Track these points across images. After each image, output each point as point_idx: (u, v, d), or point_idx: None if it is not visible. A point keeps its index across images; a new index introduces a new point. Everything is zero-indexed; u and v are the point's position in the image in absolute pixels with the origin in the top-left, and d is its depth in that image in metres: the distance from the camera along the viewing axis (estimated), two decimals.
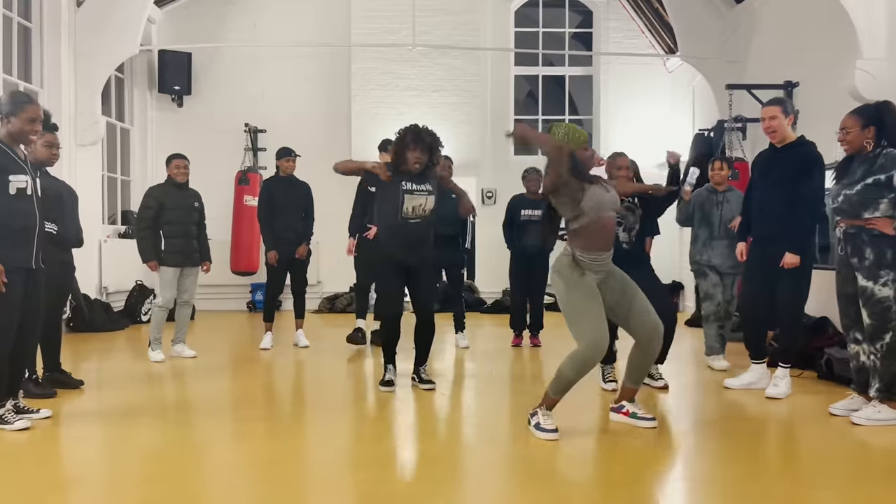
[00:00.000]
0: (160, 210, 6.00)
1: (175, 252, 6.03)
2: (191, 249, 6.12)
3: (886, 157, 3.95)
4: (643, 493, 3.05)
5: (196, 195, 6.29)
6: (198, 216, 6.22)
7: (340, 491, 3.09)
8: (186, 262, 6.10)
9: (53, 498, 2.94)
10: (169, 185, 6.14)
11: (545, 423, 3.71)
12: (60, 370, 4.89)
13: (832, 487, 3.12)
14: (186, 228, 6.09)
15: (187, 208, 6.12)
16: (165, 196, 6.06)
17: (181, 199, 6.10)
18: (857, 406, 4.10)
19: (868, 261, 3.97)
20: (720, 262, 5.64)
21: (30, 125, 3.78)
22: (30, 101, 3.84)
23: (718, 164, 5.85)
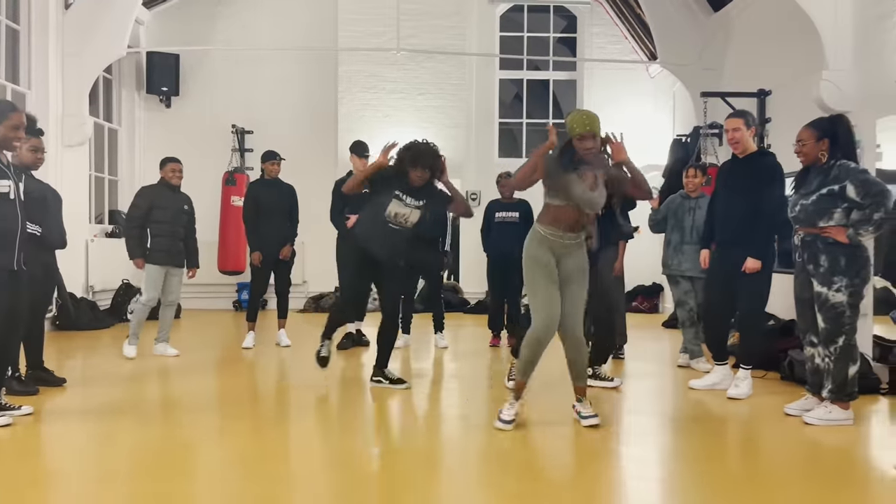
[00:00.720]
0: (150, 209, 6.14)
1: (160, 251, 6.16)
2: (176, 250, 6.25)
3: (840, 169, 4.11)
4: (597, 490, 3.20)
5: (187, 199, 6.43)
6: (187, 219, 6.35)
7: (316, 485, 3.23)
8: (171, 262, 6.23)
9: (33, 492, 3.07)
10: (162, 186, 6.30)
11: (504, 413, 3.94)
12: (43, 368, 5.00)
13: (781, 484, 3.27)
14: (173, 229, 6.22)
15: (177, 210, 6.26)
16: (157, 196, 6.22)
17: (172, 201, 6.25)
18: (811, 406, 4.27)
19: (823, 267, 4.13)
20: (690, 266, 5.80)
21: (13, 132, 3.91)
22: (13, 109, 3.97)
23: (692, 172, 6.00)
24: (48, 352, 5.26)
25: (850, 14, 6.03)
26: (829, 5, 6.04)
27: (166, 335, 6.41)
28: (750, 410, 4.60)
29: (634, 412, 4.70)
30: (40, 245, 4.78)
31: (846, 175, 4.08)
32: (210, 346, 7.37)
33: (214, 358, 6.63)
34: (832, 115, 4.30)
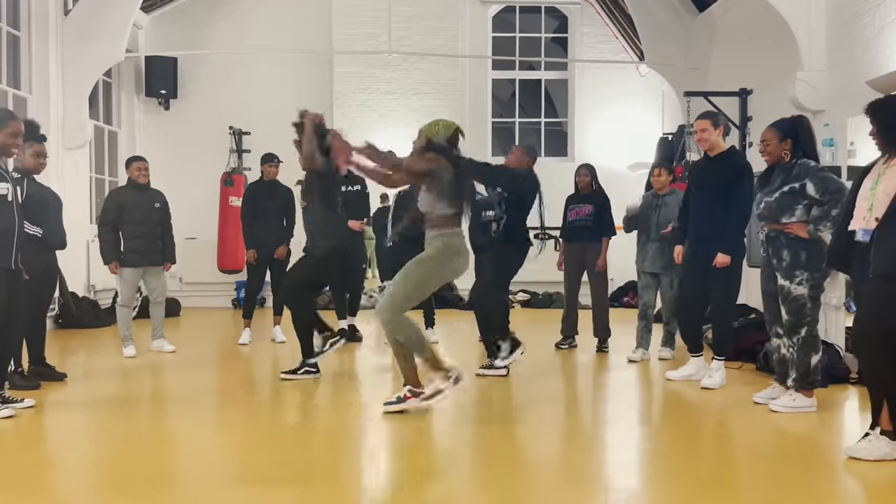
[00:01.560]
0: (120, 212, 6.18)
1: (133, 252, 6.21)
2: (150, 249, 6.29)
3: (801, 168, 4.31)
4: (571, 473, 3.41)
5: (158, 195, 6.45)
6: (159, 215, 6.37)
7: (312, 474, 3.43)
8: (145, 262, 6.29)
9: (35, 478, 3.28)
10: (130, 187, 6.37)
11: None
12: (45, 364, 5.21)
13: (744, 466, 3.48)
14: (147, 229, 6.26)
15: (147, 209, 6.30)
16: (126, 198, 6.28)
17: (141, 201, 6.28)
18: (778, 395, 4.47)
19: (785, 262, 4.33)
20: (650, 264, 6.05)
21: (12, 139, 4.12)
22: (12, 117, 4.18)
23: (657, 171, 6.24)
24: (51, 349, 5.47)
25: (824, 16, 6.21)
26: (803, 8, 6.22)
27: (160, 331, 6.56)
28: (722, 399, 4.80)
29: (611, 400, 4.91)
30: (41, 246, 4.99)
31: (806, 173, 4.27)
32: (208, 342, 7.59)
33: (211, 354, 6.84)
34: (794, 116, 4.49)
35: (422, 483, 3.21)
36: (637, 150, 10.86)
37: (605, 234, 6.54)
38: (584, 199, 6.63)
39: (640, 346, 6.14)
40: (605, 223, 6.53)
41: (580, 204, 6.62)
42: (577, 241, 6.60)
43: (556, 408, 4.60)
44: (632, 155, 10.90)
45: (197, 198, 10.11)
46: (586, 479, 3.30)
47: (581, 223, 6.60)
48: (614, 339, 6.67)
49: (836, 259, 3.77)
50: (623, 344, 6.86)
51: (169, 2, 10.79)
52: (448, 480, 3.31)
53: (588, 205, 6.57)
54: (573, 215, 6.65)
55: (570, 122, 11.82)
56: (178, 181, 9.66)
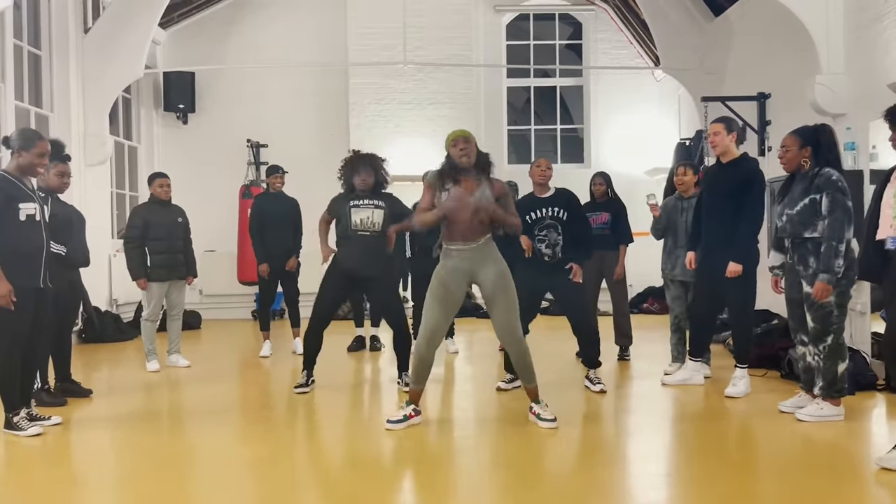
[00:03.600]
0: (145, 228, 6.25)
1: (160, 267, 6.28)
2: (175, 263, 6.37)
3: (822, 178, 4.22)
4: (595, 486, 3.38)
5: (179, 211, 6.54)
6: (181, 230, 6.46)
7: (334, 488, 3.44)
8: (171, 276, 6.35)
9: (62, 495, 3.31)
10: (152, 203, 6.44)
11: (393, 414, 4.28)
12: (71, 380, 5.27)
13: (775, 478, 3.44)
14: (170, 244, 6.33)
15: (171, 224, 6.37)
16: (150, 214, 6.34)
17: (165, 216, 6.35)
18: (804, 403, 4.42)
19: (812, 269, 4.27)
20: (680, 272, 5.80)
21: (39, 159, 4.19)
22: (39, 138, 4.24)
23: (682, 170, 5.88)
24: (75, 364, 5.53)
25: (842, 18, 6.16)
26: (821, 10, 6.17)
27: (177, 346, 6.60)
28: (746, 408, 4.75)
29: (634, 411, 4.87)
30: (66, 264, 5.06)
31: (826, 186, 4.19)
32: (230, 355, 7.62)
33: (234, 367, 6.87)
34: (816, 125, 4.43)
35: (446, 495, 3.20)
36: (654, 155, 10.83)
37: (623, 242, 6.50)
38: (600, 206, 6.59)
39: (676, 360, 5.89)
40: (622, 230, 6.49)
41: (597, 212, 6.58)
42: (595, 250, 6.54)
43: (577, 418, 4.57)
44: (649, 161, 10.86)
45: (216, 211, 10.19)
46: (608, 491, 3.28)
47: (598, 231, 6.55)
48: (635, 346, 6.63)
49: (867, 271, 3.72)
50: (644, 352, 6.84)
51: (186, 17, 10.91)
52: (473, 492, 3.30)
53: (605, 212, 6.54)
54: None
55: (585, 128, 11.79)
56: (197, 194, 9.76)
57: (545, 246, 5.14)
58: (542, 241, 5.14)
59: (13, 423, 4.17)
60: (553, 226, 5.15)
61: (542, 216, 5.17)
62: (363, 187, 5.18)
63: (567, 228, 5.15)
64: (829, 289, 4.14)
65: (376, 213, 5.15)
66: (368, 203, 5.17)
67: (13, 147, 4.19)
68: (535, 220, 5.16)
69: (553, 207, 5.18)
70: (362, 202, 5.16)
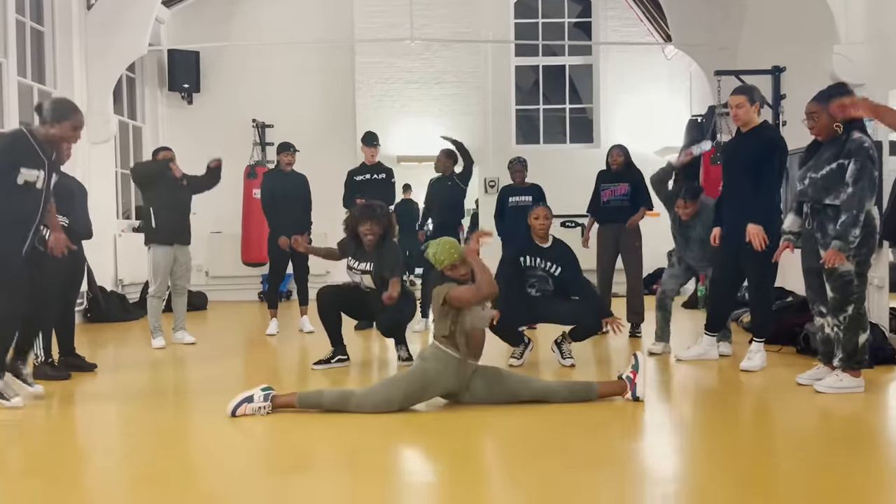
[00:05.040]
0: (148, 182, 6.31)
1: (167, 231, 6.19)
2: (182, 228, 6.32)
3: (853, 143, 4.05)
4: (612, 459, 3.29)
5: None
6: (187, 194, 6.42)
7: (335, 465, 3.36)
8: (179, 240, 6.29)
9: (65, 466, 3.24)
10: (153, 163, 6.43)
11: (244, 409, 3.83)
12: (75, 354, 5.20)
13: (791, 449, 3.34)
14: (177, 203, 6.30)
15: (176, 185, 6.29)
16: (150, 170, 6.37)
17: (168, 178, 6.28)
18: (822, 376, 4.31)
19: (831, 236, 4.13)
20: (694, 262, 5.69)
21: (72, 132, 4.11)
22: (75, 111, 4.14)
23: (681, 203, 5.51)
24: (80, 342, 5.45)
25: None
26: None
27: (182, 323, 6.53)
28: (763, 382, 4.65)
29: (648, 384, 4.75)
30: (68, 236, 4.96)
31: (857, 152, 4.02)
32: (236, 334, 7.56)
33: (240, 345, 6.80)
34: (836, 84, 4.28)
35: (460, 466, 3.12)
36: (665, 134, 10.68)
37: (643, 205, 6.38)
38: (618, 177, 6.45)
39: (660, 339, 5.61)
40: (641, 199, 6.38)
41: (615, 183, 6.45)
42: (613, 222, 6.43)
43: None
44: (660, 139, 10.72)
45: (220, 192, 9.96)
46: (621, 460, 3.19)
47: (617, 202, 6.43)
48: (645, 324, 6.53)
49: (893, 232, 3.59)
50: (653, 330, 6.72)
51: None
52: (481, 461, 3.22)
53: (623, 183, 6.41)
54: (608, 195, 6.48)
55: (595, 107, 11.64)
56: None
57: (535, 291, 5.26)
58: (532, 286, 5.24)
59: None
60: (545, 278, 5.23)
61: (535, 265, 5.22)
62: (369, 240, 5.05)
63: (559, 281, 5.20)
64: (841, 256, 4.01)
65: (365, 279, 5.11)
66: (358, 269, 5.11)
67: (45, 118, 4.10)
68: (528, 266, 5.21)
69: (548, 262, 5.20)
70: (356, 265, 5.11)
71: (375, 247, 5.07)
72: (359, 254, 5.10)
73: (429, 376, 3.85)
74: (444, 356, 3.86)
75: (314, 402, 3.88)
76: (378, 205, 5.19)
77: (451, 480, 2.93)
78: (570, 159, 11.03)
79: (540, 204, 5.44)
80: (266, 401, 3.83)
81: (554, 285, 5.22)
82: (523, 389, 3.99)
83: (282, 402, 3.87)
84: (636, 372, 4.03)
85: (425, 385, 3.86)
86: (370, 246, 5.07)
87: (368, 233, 5.01)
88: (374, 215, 5.04)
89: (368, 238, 5.03)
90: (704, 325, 5.28)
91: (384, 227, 5.08)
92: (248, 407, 3.81)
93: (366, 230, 5.02)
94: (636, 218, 6.32)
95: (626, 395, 4.01)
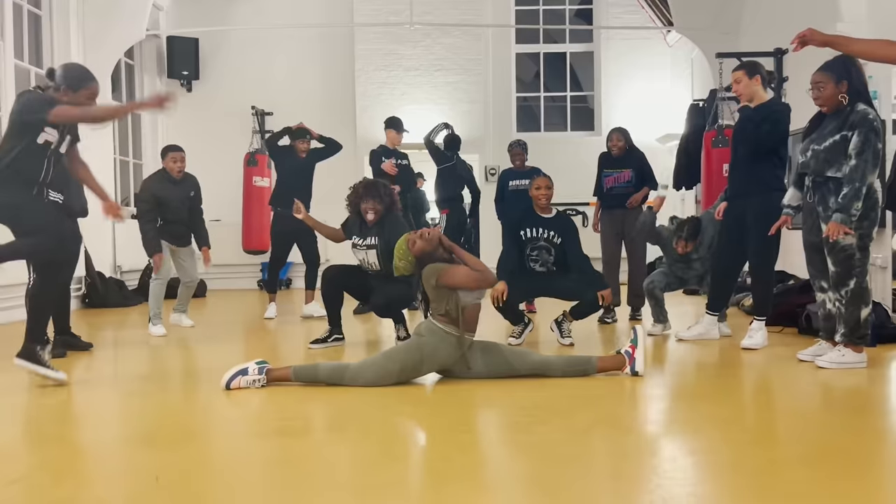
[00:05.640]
0: (157, 204, 5.99)
1: (165, 233, 6.04)
2: (180, 233, 6.15)
3: (858, 116, 3.99)
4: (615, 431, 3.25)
5: (192, 184, 6.24)
6: (191, 204, 6.20)
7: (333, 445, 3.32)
8: (176, 243, 6.13)
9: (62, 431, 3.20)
10: (164, 179, 6.12)
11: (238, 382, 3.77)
12: (70, 333, 5.16)
13: (792, 421, 3.29)
14: (182, 216, 6.13)
15: (182, 199, 6.13)
16: (161, 191, 6.04)
17: (176, 192, 6.10)
18: (824, 352, 4.26)
19: (832, 210, 4.08)
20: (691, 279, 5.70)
21: (87, 101, 4.02)
22: (90, 79, 4.06)
23: (682, 244, 5.44)
24: (78, 326, 5.40)
25: None
26: None
27: (184, 307, 6.41)
28: (764, 359, 4.60)
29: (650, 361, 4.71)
30: (63, 213, 4.92)
31: (861, 124, 3.96)
32: (234, 319, 7.52)
33: (238, 328, 6.76)
34: (841, 56, 4.22)
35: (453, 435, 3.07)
36: (666, 122, 10.63)
37: (648, 186, 6.31)
38: (620, 162, 6.37)
39: (658, 322, 5.60)
40: (646, 182, 6.30)
41: (617, 169, 6.37)
42: (617, 209, 6.36)
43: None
44: (661, 127, 10.66)
45: (220, 179, 10.03)
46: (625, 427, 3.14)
47: (621, 189, 6.34)
48: (647, 308, 6.46)
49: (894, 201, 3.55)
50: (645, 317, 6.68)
51: None
52: (478, 431, 3.17)
53: (626, 169, 6.34)
54: (611, 182, 6.40)
55: (596, 95, 11.58)
56: (202, 163, 9.52)
57: (538, 265, 5.21)
58: (535, 260, 5.21)
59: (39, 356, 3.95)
60: (546, 248, 5.18)
61: (537, 236, 5.17)
62: (371, 217, 5.03)
63: (560, 252, 5.17)
64: (842, 229, 3.96)
65: (370, 254, 5.06)
66: (363, 245, 5.07)
67: (58, 84, 4.01)
68: (529, 238, 5.17)
69: (550, 231, 5.16)
70: (361, 242, 5.06)
71: (377, 223, 5.06)
72: (363, 230, 5.08)
73: (426, 350, 3.81)
74: (440, 332, 3.82)
75: (310, 376, 3.84)
76: (382, 183, 5.18)
77: (448, 448, 2.89)
78: (570, 147, 10.98)
79: (541, 174, 5.38)
80: (261, 374, 3.79)
81: (555, 256, 5.17)
82: (520, 362, 3.94)
83: (277, 376, 3.83)
84: (635, 346, 3.98)
85: (422, 359, 3.82)
86: (372, 223, 5.05)
87: (370, 210, 5.01)
88: (376, 194, 5.03)
89: (370, 216, 5.02)
90: (706, 304, 5.23)
91: (386, 206, 5.07)
92: (243, 380, 3.77)
93: (367, 207, 5.02)
94: (637, 196, 6.25)
95: (624, 369, 3.97)
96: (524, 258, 5.22)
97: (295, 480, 2.45)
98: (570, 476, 2.47)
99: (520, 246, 5.18)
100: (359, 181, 5.27)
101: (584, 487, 2.38)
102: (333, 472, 2.58)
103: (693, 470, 2.57)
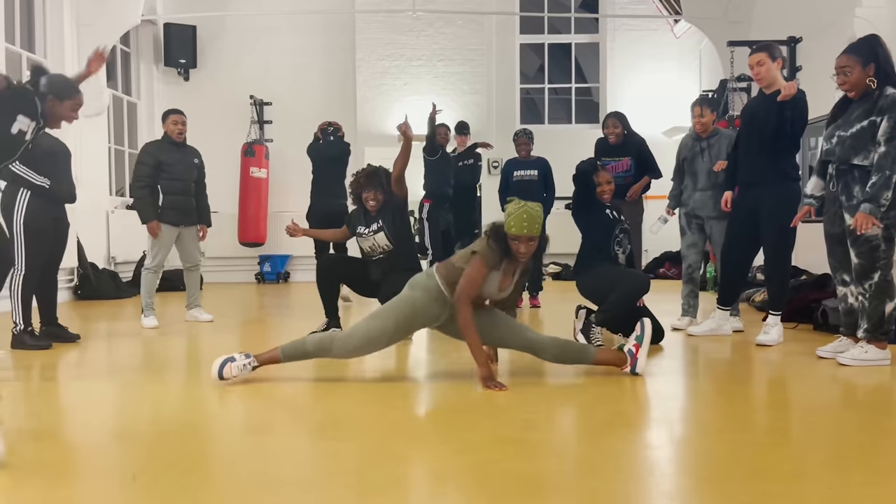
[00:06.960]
0: (157, 167, 5.74)
1: (171, 209, 5.77)
2: (188, 208, 5.88)
3: (886, 100, 3.79)
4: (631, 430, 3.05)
5: (195, 152, 6.00)
6: (197, 174, 5.96)
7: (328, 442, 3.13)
8: (184, 221, 5.86)
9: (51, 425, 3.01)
10: (166, 141, 5.90)
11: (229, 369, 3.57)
12: (57, 324, 4.95)
13: (813, 422, 3.10)
14: (186, 186, 5.85)
15: (187, 165, 5.87)
16: (162, 153, 5.79)
17: (180, 156, 5.85)
18: (845, 348, 4.06)
19: (856, 199, 3.88)
20: (700, 206, 5.28)
21: (71, 112, 4.18)
22: (77, 91, 4.20)
23: (698, 110, 5.22)
24: (69, 317, 5.20)
25: None
26: None
27: (196, 300, 6.11)
28: (781, 356, 4.40)
29: (660, 356, 4.51)
30: (50, 199, 4.74)
31: (890, 108, 3.75)
32: (234, 311, 7.32)
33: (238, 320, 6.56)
34: (866, 36, 4.01)
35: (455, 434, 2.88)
36: (673, 115, 10.42)
37: (649, 175, 6.04)
38: (617, 150, 6.06)
39: (686, 314, 5.37)
40: (647, 170, 6.03)
41: (616, 157, 6.07)
42: (614, 200, 6.11)
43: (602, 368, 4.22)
44: (668, 120, 10.46)
45: (217, 170, 9.72)
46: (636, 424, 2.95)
47: (619, 180, 6.09)
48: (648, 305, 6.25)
49: None
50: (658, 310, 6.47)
51: None
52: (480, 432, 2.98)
53: (625, 158, 6.06)
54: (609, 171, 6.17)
55: (601, 87, 11.38)
56: None
57: (622, 251, 4.71)
58: (620, 244, 4.69)
59: None
60: (627, 233, 4.77)
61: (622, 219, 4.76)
62: (373, 206, 4.89)
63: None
64: (871, 220, 3.75)
65: (378, 238, 4.89)
66: (368, 231, 4.90)
67: (46, 91, 4.07)
68: (615, 219, 4.71)
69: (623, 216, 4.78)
70: (366, 230, 4.90)
71: (379, 210, 4.90)
72: (367, 219, 4.93)
73: (418, 305, 3.61)
74: (435, 289, 3.61)
75: (298, 352, 3.64)
76: (383, 171, 5.00)
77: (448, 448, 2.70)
78: (574, 139, 10.75)
79: (600, 168, 4.89)
80: (248, 357, 3.61)
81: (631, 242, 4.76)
82: (512, 336, 3.70)
83: (266, 358, 3.64)
84: (639, 345, 3.72)
85: (415, 312, 3.61)
86: (373, 210, 4.90)
87: (371, 199, 4.87)
88: (378, 183, 4.88)
89: (371, 203, 4.88)
90: (717, 299, 5.03)
91: (387, 194, 4.91)
92: (233, 366, 3.58)
93: (368, 196, 4.90)
94: (637, 187, 5.99)
95: (625, 368, 3.73)
96: (611, 241, 4.66)
97: (294, 479, 2.26)
98: (578, 476, 2.28)
99: (605, 226, 4.65)
100: (360, 170, 5.10)
101: (592, 488, 2.18)
102: (332, 471, 2.39)
103: (721, 479, 2.37)
